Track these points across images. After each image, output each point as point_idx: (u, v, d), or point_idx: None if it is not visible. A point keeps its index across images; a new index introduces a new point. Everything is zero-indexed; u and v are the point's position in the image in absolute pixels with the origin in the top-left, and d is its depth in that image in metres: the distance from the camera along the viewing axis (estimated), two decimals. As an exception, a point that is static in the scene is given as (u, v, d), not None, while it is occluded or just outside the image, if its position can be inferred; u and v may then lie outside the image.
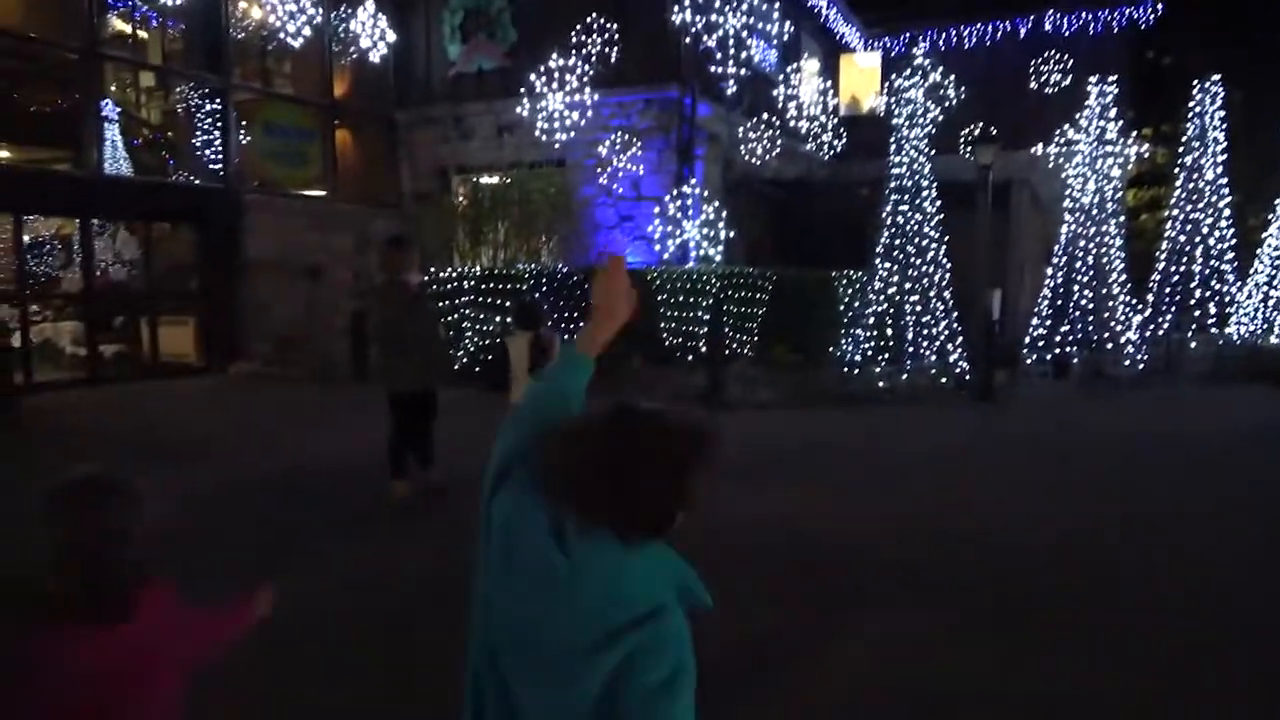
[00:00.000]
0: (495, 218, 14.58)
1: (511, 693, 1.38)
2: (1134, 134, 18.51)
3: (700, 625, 1.36)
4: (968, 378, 11.08)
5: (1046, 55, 18.51)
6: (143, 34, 18.00)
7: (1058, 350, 12.56)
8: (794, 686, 3.57)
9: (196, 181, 13.90)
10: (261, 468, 7.28)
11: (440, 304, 11.80)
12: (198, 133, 14.37)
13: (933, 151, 11.99)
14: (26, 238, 13.08)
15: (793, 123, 17.28)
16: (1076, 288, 12.74)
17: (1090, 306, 12.73)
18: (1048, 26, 19.06)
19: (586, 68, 14.40)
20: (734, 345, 11.68)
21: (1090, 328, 12.65)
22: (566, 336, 5.71)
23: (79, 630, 1.68)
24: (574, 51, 14.45)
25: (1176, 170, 15.21)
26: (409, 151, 16.73)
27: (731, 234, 13.93)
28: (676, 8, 13.92)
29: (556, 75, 14.49)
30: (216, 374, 13.40)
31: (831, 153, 18.66)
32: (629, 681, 1.27)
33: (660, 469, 1.33)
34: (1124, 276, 13.24)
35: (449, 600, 4.66)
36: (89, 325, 12.79)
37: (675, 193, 14.24)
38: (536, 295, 11.12)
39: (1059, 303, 12.82)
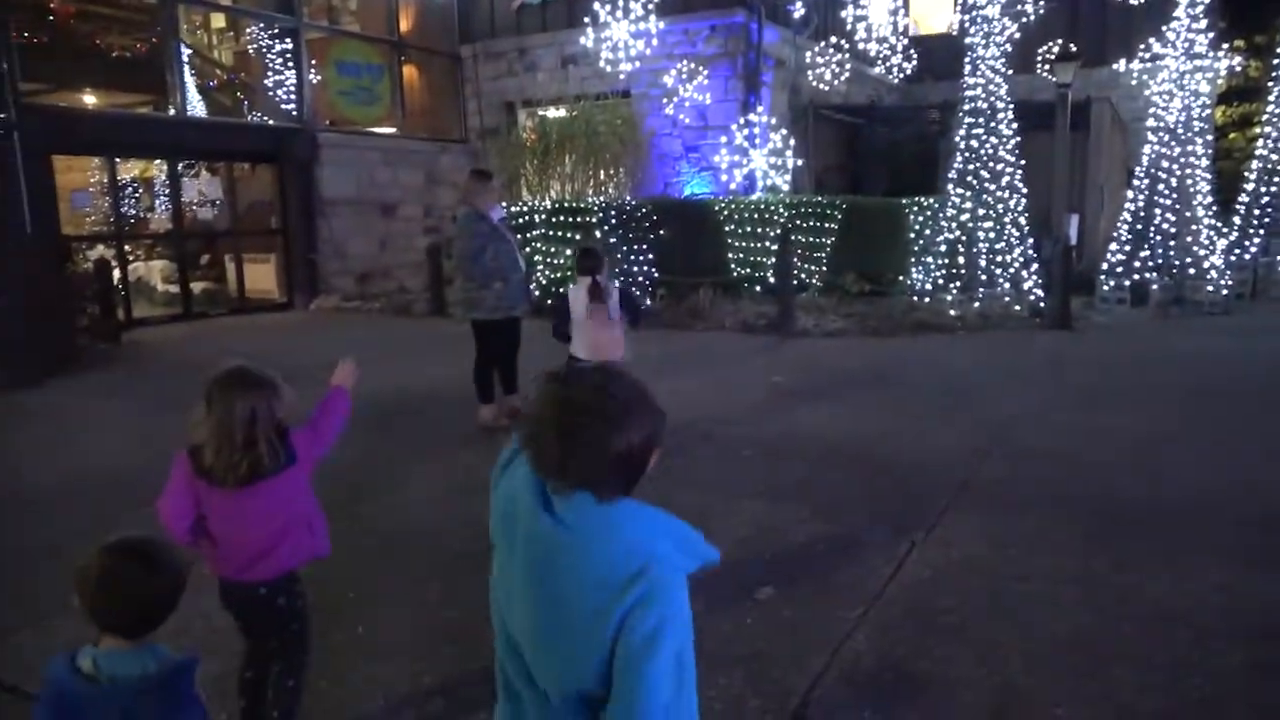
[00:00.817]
0: (562, 151, 14.67)
1: (529, 673, 1.45)
2: (1225, 46, 17.55)
3: (779, 526, 1.52)
4: (1042, 305, 10.94)
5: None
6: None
7: (1137, 276, 12.26)
8: (874, 585, 3.77)
9: (272, 122, 14.25)
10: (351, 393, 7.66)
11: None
12: (270, 73, 14.67)
13: (1009, 71, 11.64)
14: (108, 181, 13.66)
15: (862, 45, 16.84)
16: (1158, 211, 12.34)
17: (1172, 230, 12.34)
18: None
19: (652, -6, 14.22)
20: (803, 275, 11.68)
21: (1172, 252, 12.28)
22: (622, 281, 5.58)
23: (251, 486, 2.35)
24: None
25: (1270, 84, 14.47)
26: (475, 86, 16.81)
27: (799, 162, 13.81)
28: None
29: (620, 3, 14.35)
30: (299, 309, 13.94)
31: (902, 75, 18.17)
32: (621, 640, 1.33)
33: (601, 424, 1.38)
34: (1209, 199, 12.76)
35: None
36: (180, 263, 13.35)
37: (742, 121, 14.11)
38: (597, 235, 11.22)
39: (1139, 227, 12.45)
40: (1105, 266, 12.53)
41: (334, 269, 14.46)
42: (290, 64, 14.41)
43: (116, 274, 11.85)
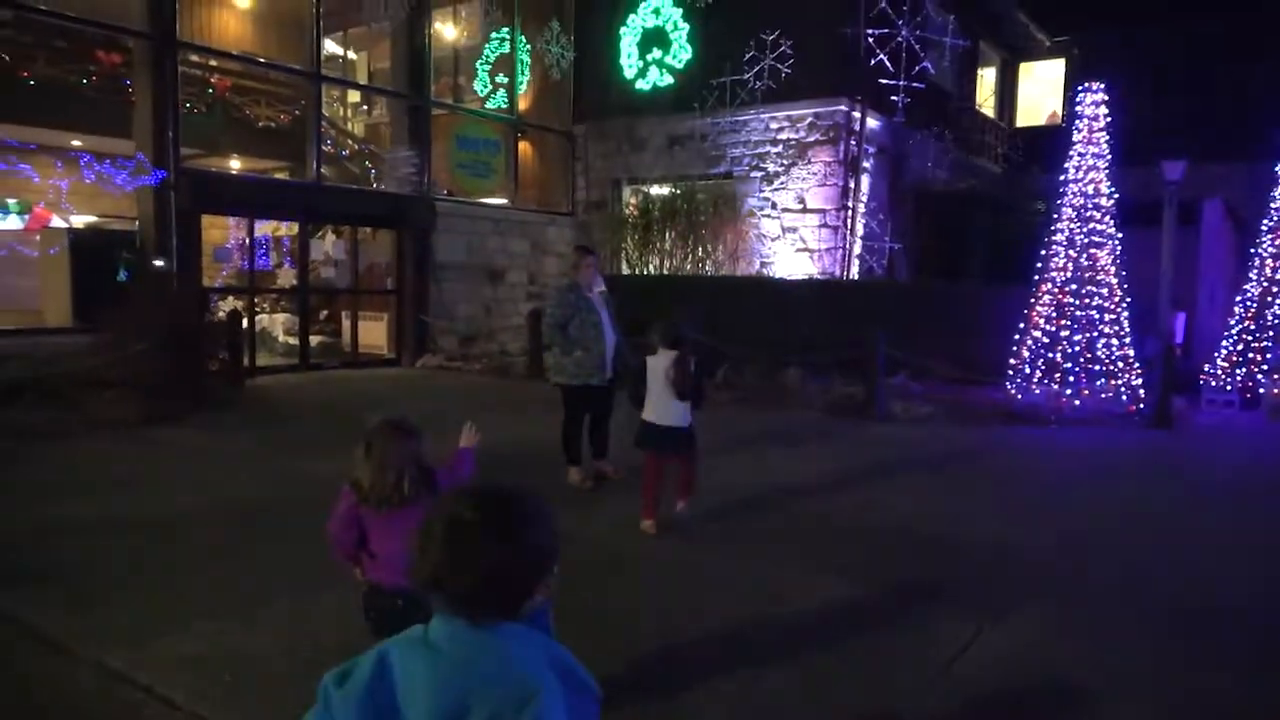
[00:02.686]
0: (663, 226, 15.22)
1: None
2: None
3: (847, 601, 1.72)
4: (1142, 405, 10.68)
5: (1248, 59, 17.26)
6: (351, 55, 19.92)
7: (1245, 379, 11.83)
8: (937, 666, 3.85)
9: (394, 190, 15.29)
10: (450, 444, 8.12)
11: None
12: (396, 145, 15.80)
13: (1115, 164, 11.60)
14: (246, 238, 14.84)
15: (966, 134, 17.01)
16: (1272, 313, 11.95)
17: (1288, 331, 11.90)
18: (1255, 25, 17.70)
19: (757, 83, 14.80)
20: (893, 359, 11.73)
21: (1287, 354, 11.82)
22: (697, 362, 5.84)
23: (401, 510, 2.87)
24: (745, 68, 14.88)
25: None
26: (584, 162, 17.66)
27: (897, 247, 13.95)
28: (851, 22, 14.10)
29: (728, 90, 14.97)
30: (405, 365, 14.72)
31: (1005, 165, 18.19)
32: None
33: (481, 538, 1.36)
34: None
35: (624, 565, 5.20)
36: (301, 317, 14.33)
37: (841, 205, 14.40)
38: (688, 310, 11.57)
39: (1252, 327, 12.06)
40: (1211, 368, 12.15)
41: (442, 329, 15.25)
42: (415, 137, 15.50)
43: (244, 323, 12.82)
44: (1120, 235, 11.25)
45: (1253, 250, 12.50)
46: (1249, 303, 12.20)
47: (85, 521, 5.67)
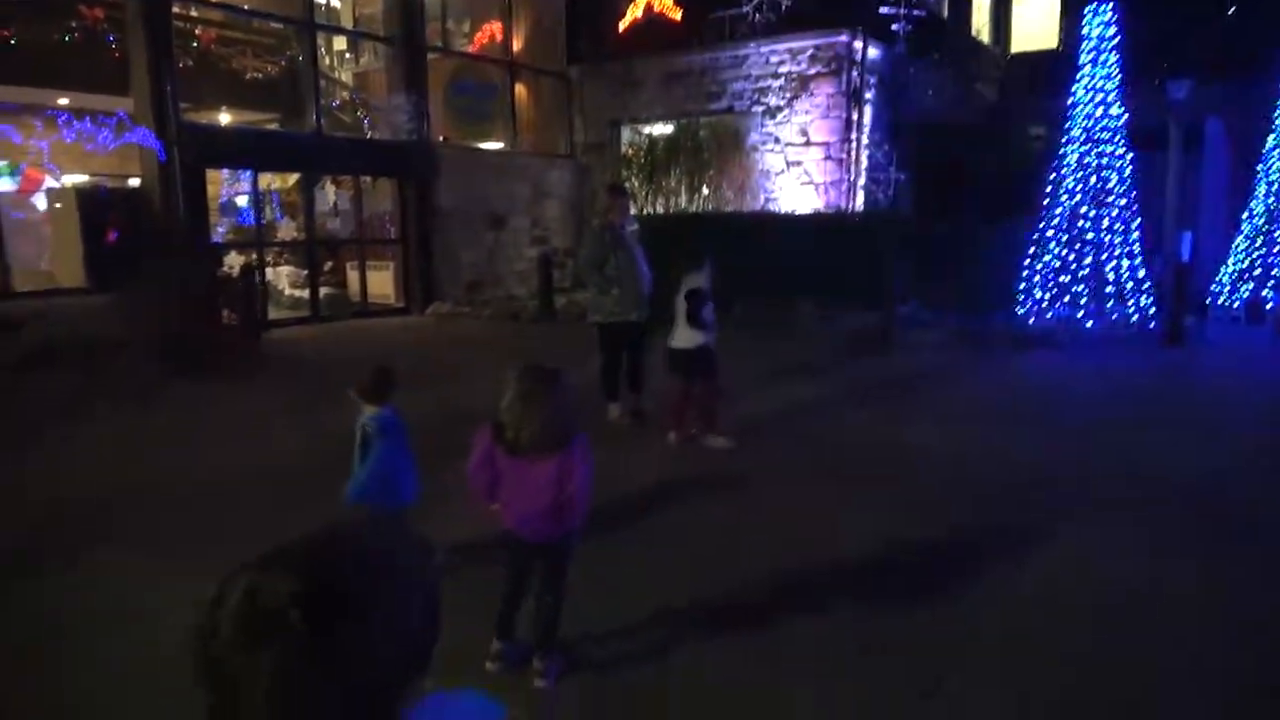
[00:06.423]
0: (665, 166, 15.14)
1: None
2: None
3: (895, 531, 1.82)
4: (1152, 323, 10.85)
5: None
6: (335, 1, 19.45)
7: (1251, 294, 12.02)
8: (995, 585, 4.02)
9: (392, 138, 15.09)
10: (477, 389, 8.20)
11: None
12: (391, 93, 15.55)
13: (1118, 87, 11.59)
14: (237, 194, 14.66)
15: (964, 63, 16.88)
16: (1278, 230, 12.09)
17: (1291, 248, 12.06)
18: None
19: (756, 16, 14.61)
20: (903, 290, 11.84)
21: (1290, 270, 12.00)
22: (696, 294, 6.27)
23: (540, 457, 2.91)
24: (744, 1, 14.67)
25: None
26: (581, 103, 17.46)
27: (901, 178, 13.95)
28: (849, -50, 13.89)
29: (726, 25, 14.78)
30: (415, 314, 14.73)
31: (1006, 93, 18.09)
32: None
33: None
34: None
35: (674, 494, 5.34)
36: (309, 269, 14.26)
37: (844, 137, 14.35)
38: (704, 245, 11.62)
39: (1258, 243, 12.20)
40: (1218, 284, 12.31)
41: (447, 276, 15.22)
42: (411, 83, 15.24)
43: (256, 278, 12.75)
44: (1131, 156, 11.30)
45: (1259, 169, 12.58)
46: (1254, 221, 12.33)
47: (137, 482, 5.75)
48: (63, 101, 13.13)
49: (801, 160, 14.86)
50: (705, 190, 15.10)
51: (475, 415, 3.19)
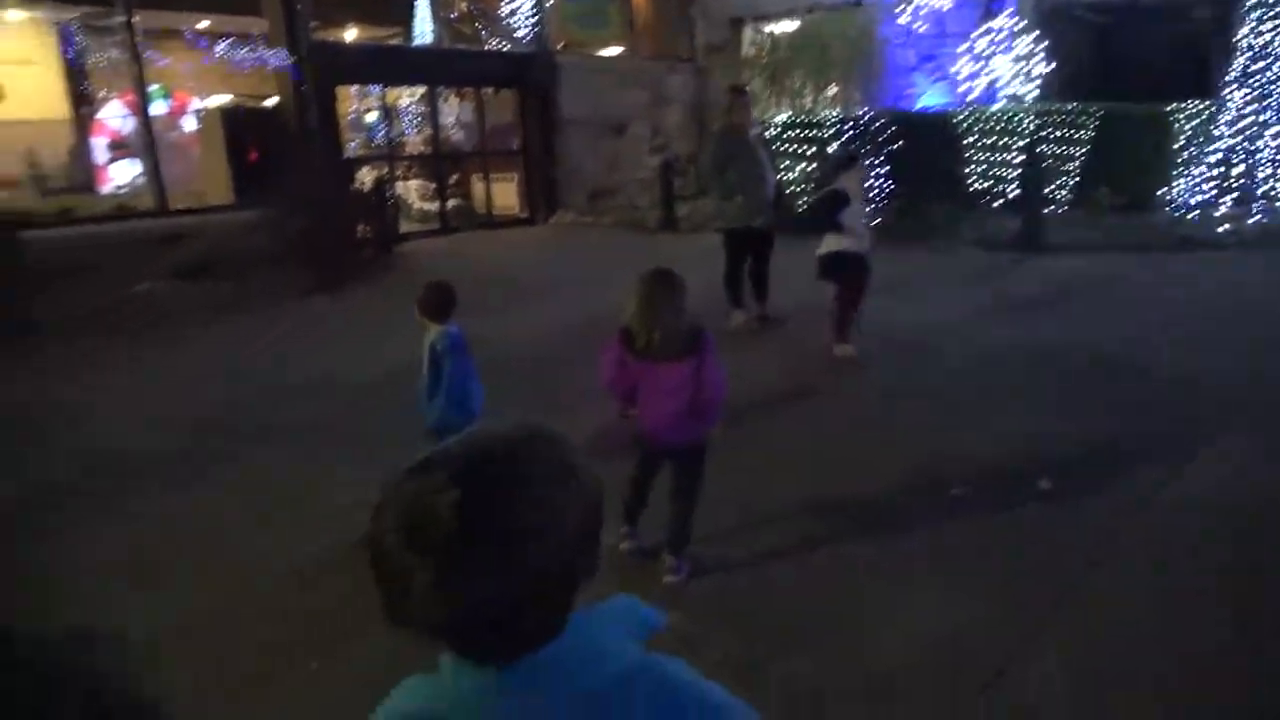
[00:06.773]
0: (791, 66, 14.51)
1: None
2: None
3: (1048, 430, 1.64)
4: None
5: None
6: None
7: None
8: (1144, 491, 3.81)
9: (512, 49, 15.02)
10: (606, 298, 8.26)
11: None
12: (507, 2, 15.40)
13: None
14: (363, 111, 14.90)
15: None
16: None
17: None
18: None
19: (889, -105, 13.59)
20: (1051, 188, 11.09)
21: None
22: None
23: (672, 360, 2.96)
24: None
25: None
26: (701, 3, 16.84)
27: (1048, 68, 12.92)
28: None
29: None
30: (539, 224, 14.89)
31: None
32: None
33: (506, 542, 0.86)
34: None
35: (801, 398, 5.28)
36: (437, 182, 14.56)
37: (983, 27, 13.34)
38: (830, 151, 11.18)
39: None
40: None
41: (569, 186, 15.24)
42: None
43: (388, 192, 13.13)
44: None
45: None
46: None
47: (293, 386, 6.11)
48: (203, 25, 13.65)
49: (936, 54, 13.93)
50: (832, 90, 14.42)
51: (601, 323, 3.21)
